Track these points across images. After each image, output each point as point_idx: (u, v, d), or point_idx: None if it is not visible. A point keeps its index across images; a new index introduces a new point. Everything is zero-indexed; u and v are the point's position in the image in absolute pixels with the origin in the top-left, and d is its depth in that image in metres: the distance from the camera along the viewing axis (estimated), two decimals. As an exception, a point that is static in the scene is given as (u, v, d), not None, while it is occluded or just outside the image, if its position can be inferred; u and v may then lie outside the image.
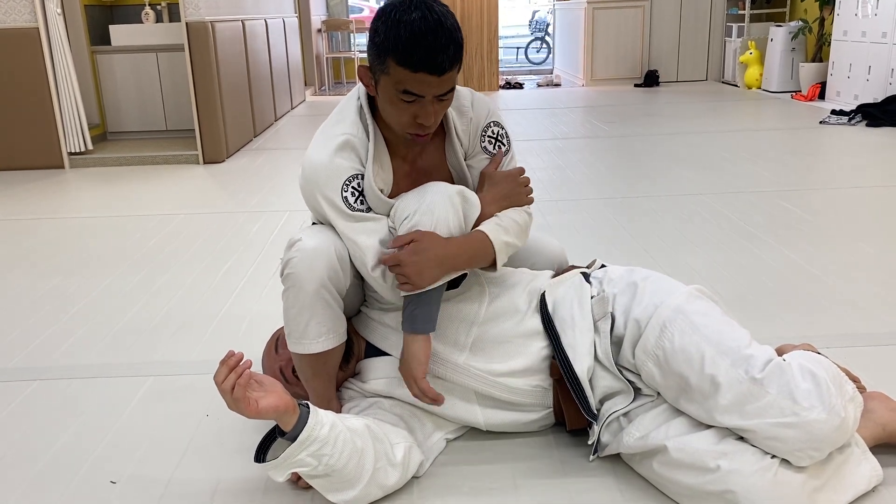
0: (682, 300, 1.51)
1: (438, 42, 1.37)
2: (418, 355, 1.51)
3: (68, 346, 2.30)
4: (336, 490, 1.43)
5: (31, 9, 4.72)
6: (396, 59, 1.40)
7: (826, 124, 5.65)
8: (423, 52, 1.37)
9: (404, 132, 1.51)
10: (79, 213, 3.91)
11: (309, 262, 1.51)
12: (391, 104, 1.47)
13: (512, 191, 1.64)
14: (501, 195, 1.63)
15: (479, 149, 1.68)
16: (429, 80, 1.40)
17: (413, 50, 1.37)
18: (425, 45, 1.37)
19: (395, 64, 1.40)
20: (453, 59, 1.41)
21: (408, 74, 1.40)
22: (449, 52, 1.39)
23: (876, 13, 6.01)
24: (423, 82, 1.41)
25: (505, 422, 1.66)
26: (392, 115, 1.50)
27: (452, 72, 1.43)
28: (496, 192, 1.63)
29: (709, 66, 8.77)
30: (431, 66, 1.39)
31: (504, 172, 1.66)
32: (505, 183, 1.64)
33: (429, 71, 1.39)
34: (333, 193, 1.53)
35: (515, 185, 1.65)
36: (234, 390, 1.31)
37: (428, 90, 1.42)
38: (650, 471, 1.48)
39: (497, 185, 1.64)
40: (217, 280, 2.82)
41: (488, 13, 8.56)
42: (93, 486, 1.60)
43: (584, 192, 3.93)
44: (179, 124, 5.81)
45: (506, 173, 1.66)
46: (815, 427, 1.31)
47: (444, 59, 1.39)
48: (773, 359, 1.40)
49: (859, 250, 2.87)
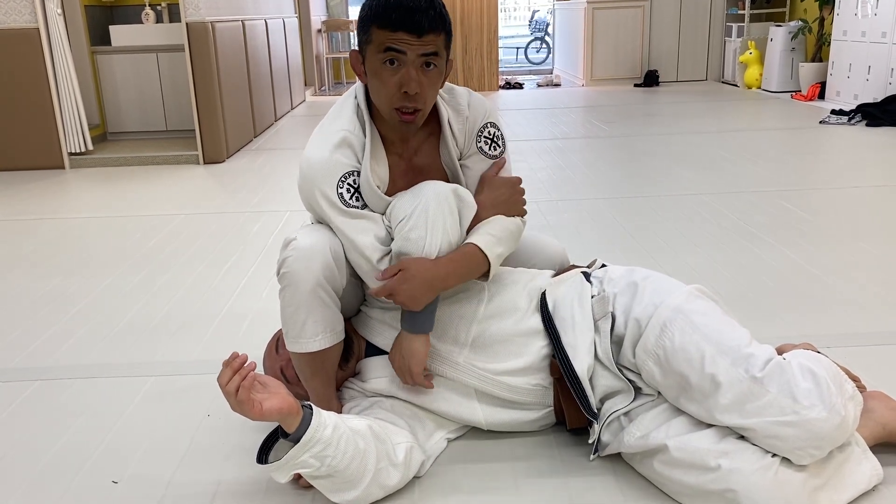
0: (682, 300, 1.51)
1: (417, 4, 1.45)
2: (418, 353, 1.53)
3: (69, 346, 2.30)
4: (338, 490, 1.44)
5: (31, 9, 4.72)
6: (378, 22, 1.47)
7: (826, 124, 5.66)
8: (402, 11, 1.44)
9: (392, 109, 1.52)
10: (79, 213, 3.91)
11: (305, 261, 1.52)
12: (377, 76, 1.50)
13: (510, 198, 1.65)
14: (499, 201, 1.65)
15: (475, 149, 1.68)
16: (408, 38, 1.45)
17: (392, 10, 1.45)
18: (404, 6, 1.44)
19: (377, 28, 1.47)
20: (433, 21, 1.46)
21: (388, 35, 1.46)
22: (429, 14, 1.45)
23: (875, 13, 6.01)
24: (403, 40, 1.46)
25: (505, 421, 1.66)
26: (379, 90, 1.52)
27: (434, 35, 1.47)
28: (495, 197, 1.64)
29: (709, 66, 8.77)
30: (410, 24, 1.44)
31: (504, 178, 1.67)
32: (504, 189, 1.66)
33: (408, 29, 1.45)
34: (330, 189, 1.54)
35: (514, 193, 1.66)
36: (238, 392, 1.31)
37: (409, 48, 1.46)
38: (651, 470, 1.48)
39: (496, 190, 1.65)
40: (217, 280, 2.82)
41: (488, 13, 8.56)
42: (94, 486, 1.60)
43: (584, 192, 3.93)
44: (180, 124, 5.82)
45: (505, 179, 1.67)
46: (815, 425, 1.31)
47: (423, 18, 1.44)
48: (773, 358, 1.40)
49: (859, 250, 2.87)
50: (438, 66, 1.51)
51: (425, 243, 1.49)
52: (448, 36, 1.50)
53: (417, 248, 1.49)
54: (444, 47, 1.50)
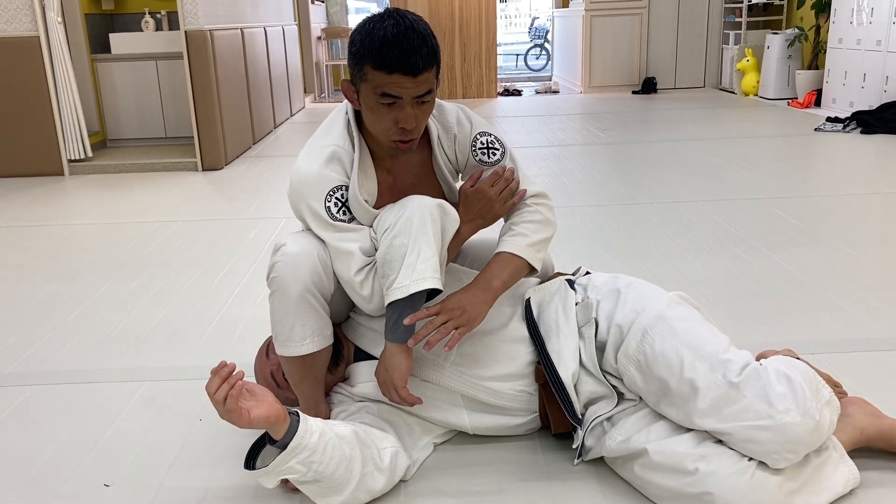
0: (663, 306, 1.54)
1: (411, 44, 1.44)
2: (400, 366, 1.54)
3: (64, 351, 2.33)
4: (324, 495, 1.46)
5: (31, 17, 4.76)
6: (373, 63, 1.46)
7: (821, 131, 5.68)
8: (397, 53, 1.44)
9: (388, 140, 1.56)
10: (78, 219, 3.95)
11: (293, 267, 1.55)
12: (372, 111, 1.52)
13: (483, 207, 1.68)
14: (474, 213, 1.69)
15: (475, 162, 1.72)
16: (404, 81, 1.46)
17: (387, 52, 1.44)
18: (398, 47, 1.44)
19: (372, 69, 1.47)
20: (427, 59, 1.46)
21: (384, 77, 1.46)
22: (422, 53, 1.45)
23: (871, 21, 6.05)
24: (399, 84, 1.46)
25: (491, 425, 1.68)
26: (375, 123, 1.54)
27: (428, 73, 1.48)
28: (467, 212, 1.69)
29: (706, 74, 8.81)
30: (406, 67, 1.45)
31: (475, 189, 1.70)
32: (475, 201, 1.69)
33: (403, 72, 1.45)
34: (317, 203, 1.58)
35: (486, 202, 1.68)
36: (227, 401, 1.33)
37: (405, 91, 1.48)
38: (631, 473, 1.51)
39: (468, 205, 1.70)
40: (212, 286, 2.85)
41: (486, 21, 8.60)
42: (86, 490, 1.62)
43: (579, 199, 3.96)
44: (178, 132, 5.86)
45: (476, 190, 1.70)
46: (789, 429, 1.33)
47: (418, 59, 1.45)
48: (749, 363, 1.42)
49: (850, 257, 2.90)
50: (432, 98, 1.55)
51: (407, 250, 1.52)
52: (439, 65, 1.53)
53: (399, 255, 1.52)
54: (436, 78, 1.53)
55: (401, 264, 1.51)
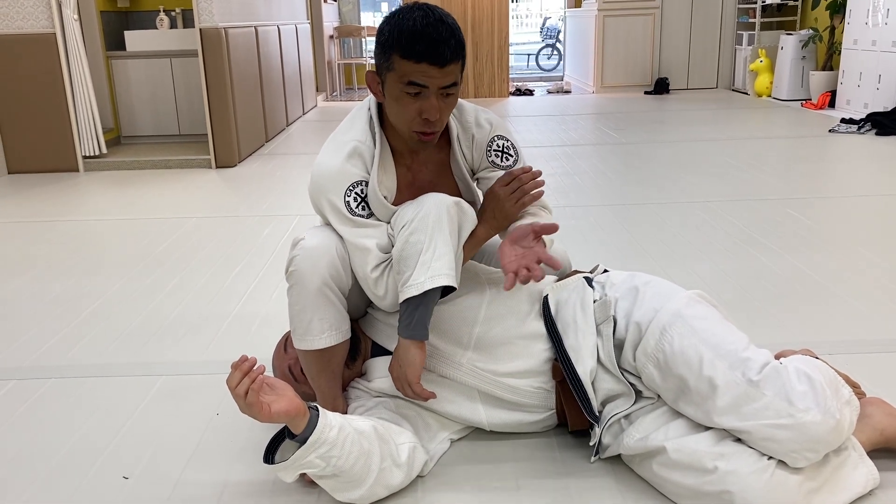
0: (681, 304, 1.54)
1: (440, 34, 1.47)
2: (414, 361, 1.55)
3: (82, 345, 2.35)
4: (342, 490, 1.47)
5: (48, 14, 4.79)
6: (401, 52, 1.49)
7: (835, 133, 5.66)
8: (426, 43, 1.46)
9: (411, 132, 1.57)
10: (92, 215, 3.97)
11: (311, 261, 1.56)
12: (397, 101, 1.54)
13: (494, 206, 1.68)
14: (487, 213, 1.70)
15: (488, 163, 1.73)
16: (431, 70, 1.48)
17: (416, 42, 1.46)
18: (427, 37, 1.46)
19: (399, 58, 1.49)
20: (454, 51, 1.49)
21: (412, 66, 1.48)
22: (450, 44, 1.48)
23: (886, 22, 6.01)
24: (426, 73, 1.49)
25: (508, 422, 1.69)
26: (399, 114, 1.56)
27: (454, 65, 1.50)
28: (482, 212, 1.71)
29: (719, 74, 8.78)
30: (434, 56, 1.47)
31: (489, 189, 1.71)
32: (488, 200, 1.71)
33: (431, 61, 1.47)
34: (337, 198, 1.59)
35: (496, 200, 1.68)
36: (248, 395, 1.34)
37: (431, 81, 1.50)
38: (649, 472, 1.51)
39: (483, 205, 1.72)
40: (228, 282, 2.87)
41: (499, 20, 8.60)
42: (105, 482, 1.64)
43: (592, 199, 3.96)
44: (192, 129, 5.88)
45: (489, 189, 1.71)
46: (810, 428, 1.33)
47: (446, 49, 1.47)
48: (769, 362, 1.42)
49: (865, 258, 2.89)
50: (456, 92, 1.56)
51: (423, 247, 1.52)
52: (464, 60, 1.55)
53: (415, 252, 1.52)
54: (461, 72, 1.55)
55: (416, 261, 1.52)
